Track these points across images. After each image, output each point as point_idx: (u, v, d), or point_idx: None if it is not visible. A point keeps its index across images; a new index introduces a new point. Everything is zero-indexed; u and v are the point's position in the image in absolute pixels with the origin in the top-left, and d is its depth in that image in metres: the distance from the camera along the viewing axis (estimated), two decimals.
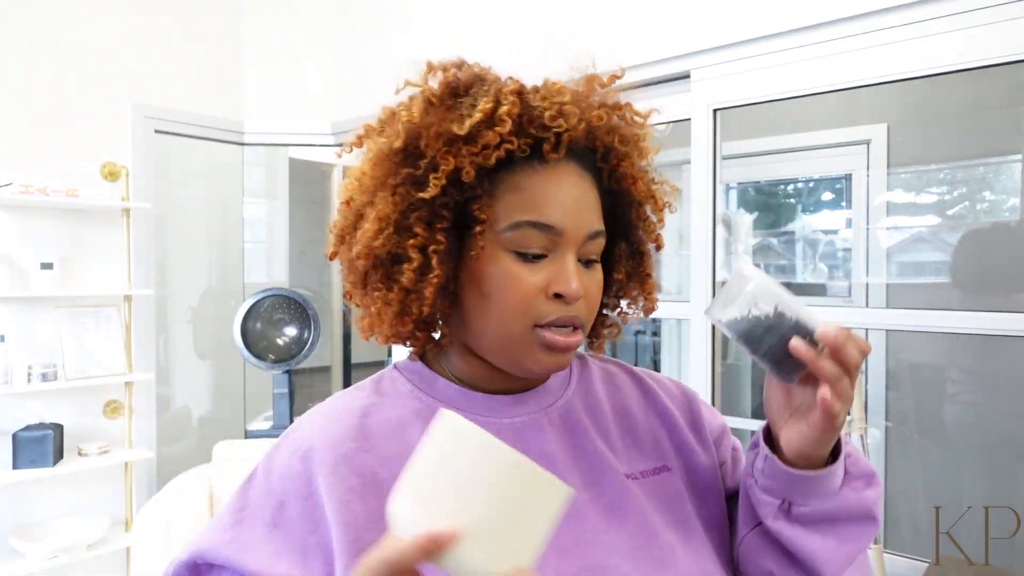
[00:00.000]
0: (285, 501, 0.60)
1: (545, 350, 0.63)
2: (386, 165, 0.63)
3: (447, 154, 0.60)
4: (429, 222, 0.62)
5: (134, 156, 2.98)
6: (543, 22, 2.49)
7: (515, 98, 0.62)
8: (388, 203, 0.62)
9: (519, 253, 0.62)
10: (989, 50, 1.60)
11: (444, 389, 0.68)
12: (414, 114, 0.63)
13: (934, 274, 2.64)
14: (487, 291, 0.62)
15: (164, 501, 2.53)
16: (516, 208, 0.62)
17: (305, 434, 0.64)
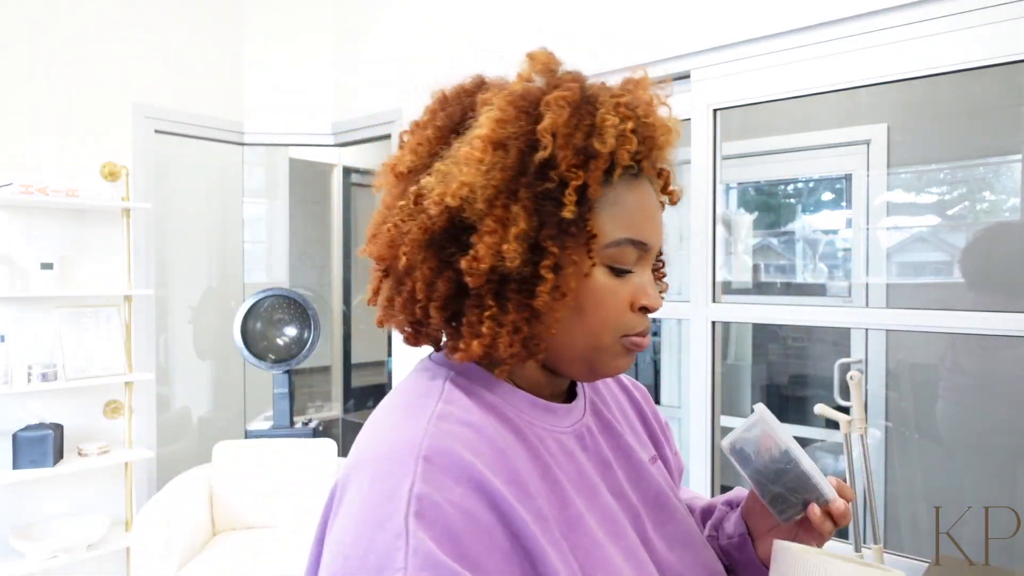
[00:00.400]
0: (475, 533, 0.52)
1: (625, 355, 0.64)
2: (512, 174, 0.58)
3: (577, 169, 0.58)
4: (561, 241, 0.58)
5: (134, 156, 2.98)
6: (543, 22, 2.49)
7: (630, 112, 0.61)
8: (522, 219, 0.57)
9: (613, 268, 0.62)
10: (989, 50, 1.60)
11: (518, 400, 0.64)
12: (558, 122, 0.58)
13: (934, 274, 2.64)
14: (583, 306, 0.61)
15: (164, 501, 2.53)
16: (617, 224, 0.61)
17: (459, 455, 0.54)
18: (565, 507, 0.59)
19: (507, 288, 0.59)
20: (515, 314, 0.59)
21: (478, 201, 0.58)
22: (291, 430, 2.98)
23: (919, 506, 2.50)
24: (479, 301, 0.60)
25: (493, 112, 0.59)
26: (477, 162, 0.58)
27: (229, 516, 2.77)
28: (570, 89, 0.60)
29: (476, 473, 0.53)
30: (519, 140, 0.58)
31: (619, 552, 0.60)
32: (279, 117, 3.43)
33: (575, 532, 0.58)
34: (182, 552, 2.42)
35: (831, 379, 2.39)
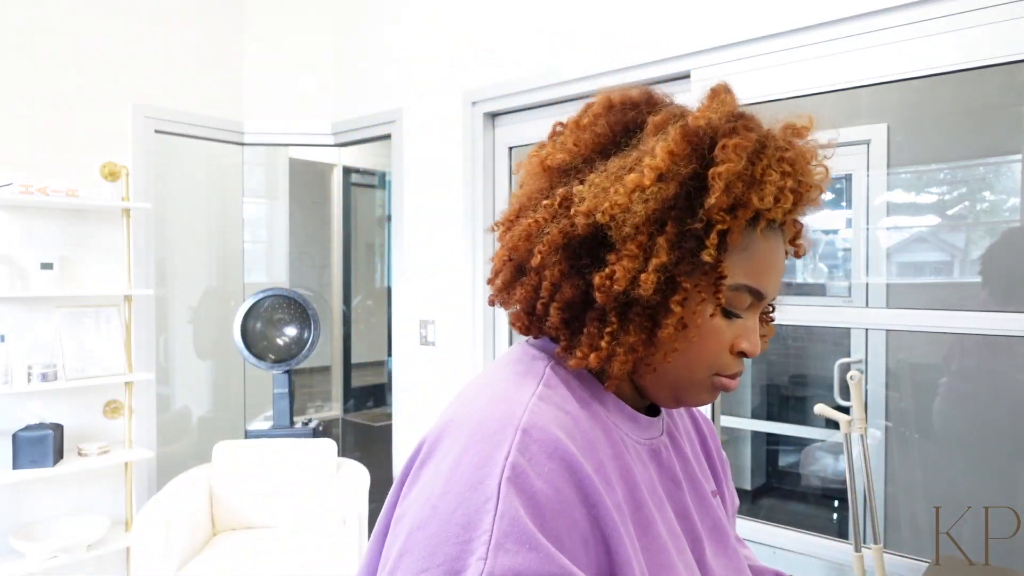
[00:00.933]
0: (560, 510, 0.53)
1: (711, 391, 0.65)
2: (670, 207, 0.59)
3: (727, 214, 0.59)
4: (696, 279, 0.60)
5: (134, 156, 2.98)
6: (543, 22, 2.49)
7: (791, 169, 0.61)
8: (664, 252, 0.59)
9: (726, 311, 0.62)
10: (989, 50, 1.60)
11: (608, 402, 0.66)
12: (732, 170, 0.58)
13: (934, 274, 2.64)
14: (690, 340, 0.62)
15: (164, 501, 2.53)
16: (741, 270, 0.61)
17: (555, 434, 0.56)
18: (639, 508, 0.60)
19: (632, 310, 0.61)
20: (635, 336, 0.61)
21: (627, 225, 0.59)
22: (291, 430, 2.98)
23: (919, 506, 2.50)
24: (602, 316, 0.61)
25: (668, 144, 0.60)
26: (641, 189, 0.59)
27: (229, 516, 2.77)
28: (747, 138, 0.59)
29: (568, 453, 0.55)
30: (685, 174, 0.59)
31: (682, 564, 0.62)
32: (279, 117, 3.43)
33: (646, 534, 0.59)
34: (182, 552, 2.42)
35: (831, 379, 2.39)
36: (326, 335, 3.85)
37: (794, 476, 3.18)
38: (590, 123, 0.66)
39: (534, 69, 2.50)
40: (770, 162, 0.60)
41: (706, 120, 0.61)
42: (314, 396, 4.25)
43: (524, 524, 0.50)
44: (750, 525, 2.02)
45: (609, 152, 0.64)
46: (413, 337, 2.97)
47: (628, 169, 0.60)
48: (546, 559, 0.49)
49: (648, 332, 0.61)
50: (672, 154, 0.59)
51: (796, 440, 3.13)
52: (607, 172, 0.61)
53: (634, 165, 0.60)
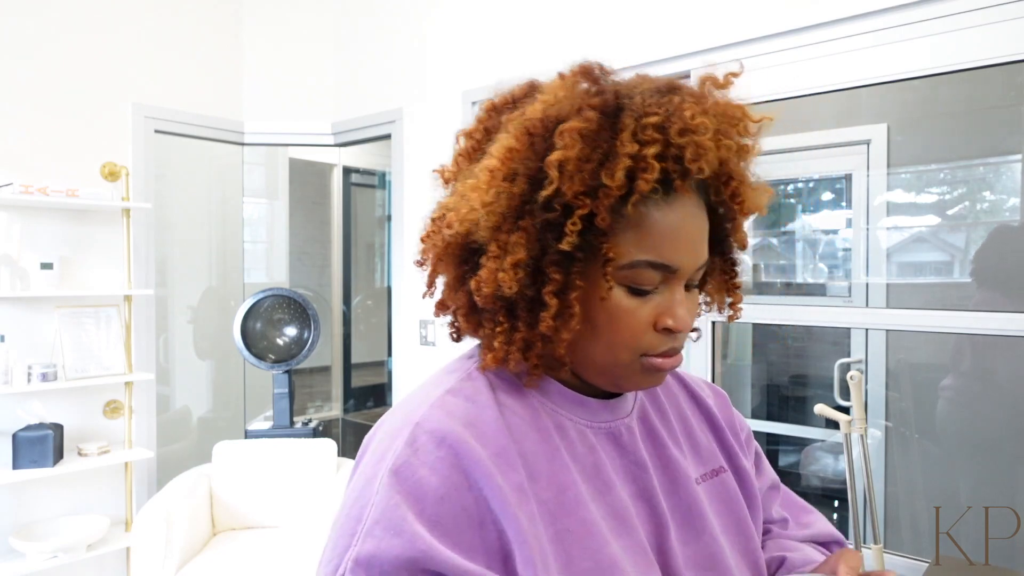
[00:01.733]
0: (445, 495, 0.55)
1: (648, 373, 0.64)
2: (516, 203, 0.59)
3: (584, 197, 0.57)
4: (565, 267, 0.59)
5: (134, 156, 2.98)
6: (543, 22, 2.49)
7: (656, 134, 0.57)
8: (521, 248, 0.58)
9: (632, 288, 0.61)
10: (989, 50, 1.60)
11: (549, 389, 0.66)
12: (568, 156, 0.57)
13: (934, 274, 2.64)
14: (598, 323, 0.61)
15: (164, 501, 2.53)
16: (636, 246, 0.59)
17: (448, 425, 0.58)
18: (563, 490, 0.60)
19: (518, 307, 0.61)
20: (524, 333, 0.61)
21: (482, 228, 0.59)
22: (291, 430, 2.98)
23: (919, 506, 2.50)
24: (493, 317, 0.62)
25: (507, 140, 0.59)
26: (483, 192, 0.59)
27: (229, 516, 2.77)
28: (587, 119, 0.58)
29: (457, 441, 0.57)
30: (527, 171, 0.58)
31: (620, 547, 0.61)
32: (279, 117, 3.44)
33: (568, 515, 0.59)
34: (182, 552, 2.42)
35: (831, 379, 2.39)
36: (326, 335, 3.86)
37: (794, 476, 3.18)
38: (473, 130, 0.66)
39: (534, 69, 2.50)
40: (625, 134, 0.57)
41: (543, 111, 0.60)
42: (314, 396, 4.26)
43: (394, 511, 0.54)
44: None
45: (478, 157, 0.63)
46: (413, 337, 2.97)
47: (474, 176, 0.61)
48: (408, 543, 0.52)
49: (534, 328, 0.61)
50: (509, 150, 0.59)
51: (796, 440, 3.13)
52: (471, 177, 0.61)
53: (480, 171, 0.60)
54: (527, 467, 0.60)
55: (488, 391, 0.63)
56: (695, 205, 0.62)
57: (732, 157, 0.63)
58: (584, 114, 0.58)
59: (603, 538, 0.60)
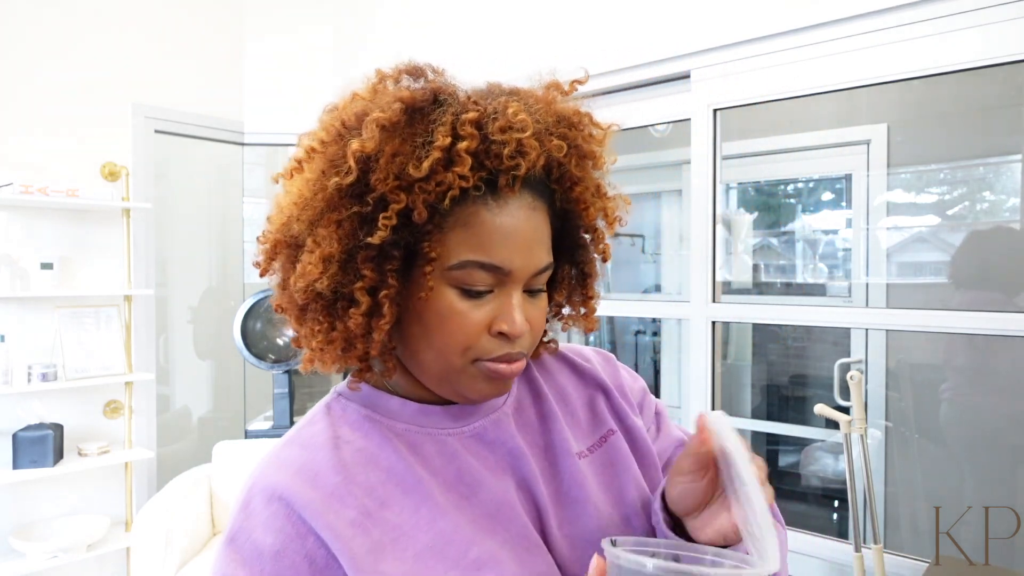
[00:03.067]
0: (281, 550, 0.57)
1: (486, 380, 0.62)
2: (330, 197, 0.57)
3: (399, 192, 0.56)
4: (378, 263, 0.58)
5: (134, 156, 2.98)
6: (543, 22, 2.49)
7: (473, 130, 0.57)
8: (332, 241, 0.57)
9: (463, 289, 0.59)
10: (989, 50, 1.60)
11: (399, 409, 0.66)
12: (367, 146, 0.56)
13: (934, 274, 2.64)
14: (429, 326, 0.60)
15: (164, 501, 2.53)
16: (464, 246, 0.58)
17: (277, 479, 0.60)
18: (416, 509, 0.61)
19: (337, 306, 0.60)
20: (343, 331, 0.60)
21: (297, 222, 0.59)
22: None
23: (919, 506, 2.50)
24: (313, 316, 0.61)
25: (319, 134, 0.60)
26: (301, 185, 0.59)
27: (229, 516, 2.77)
28: (391, 110, 0.57)
29: (286, 492, 0.58)
30: (336, 165, 0.58)
31: (495, 543, 0.61)
32: (279, 117, 3.43)
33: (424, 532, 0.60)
34: (182, 552, 2.42)
35: (831, 379, 2.39)
36: None
37: (794, 476, 3.18)
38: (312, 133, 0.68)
39: (533, 69, 2.50)
40: (443, 129, 0.56)
41: (359, 106, 0.61)
42: (314, 396, 4.25)
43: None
44: None
45: None
46: None
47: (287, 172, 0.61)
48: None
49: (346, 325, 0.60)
50: (322, 143, 0.60)
51: (796, 440, 3.13)
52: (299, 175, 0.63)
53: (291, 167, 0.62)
54: (372, 497, 0.60)
55: (328, 431, 0.64)
56: (527, 207, 0.60)
57: (570, 160, 0.62)
58: (390, 106, 0.58)
59: (467, 542, 0.60)
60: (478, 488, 0.64)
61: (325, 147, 0.60)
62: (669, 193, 3.64)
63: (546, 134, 0.60)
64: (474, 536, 0.61)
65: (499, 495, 0.64)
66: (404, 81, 0.64)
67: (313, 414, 0.67)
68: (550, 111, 0.62)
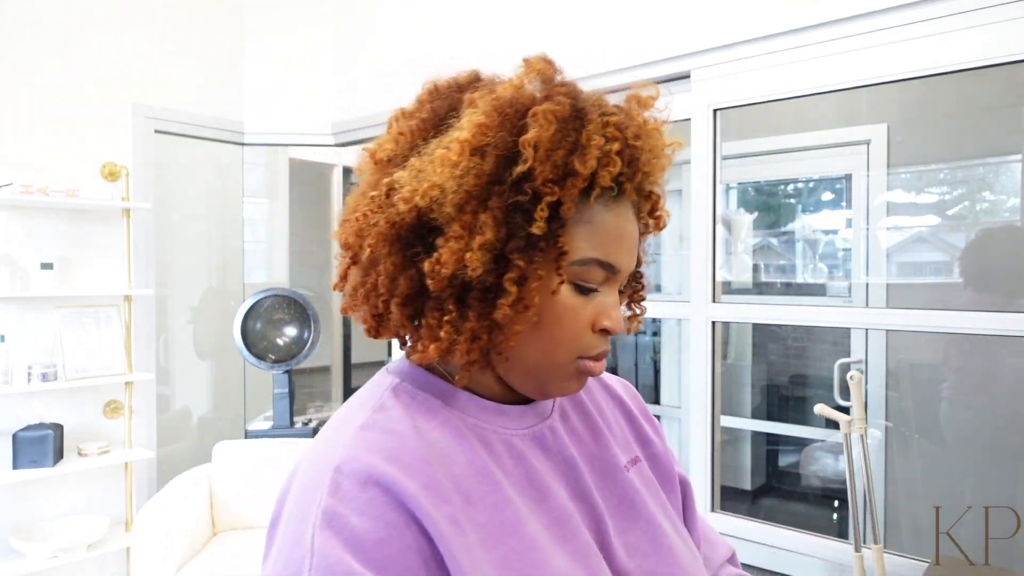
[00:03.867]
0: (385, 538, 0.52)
1: (577, 377, 0.63)
2: (485, 183, 0.57)
3: (553, 184, 0.56)
4: (529, 255, 0.57)
5: (134, 156, 2.98)
6: (544, 21, 2.49)
7: (618, 133, 0.59)
8: (489, 229, 0.56)
9: (578, 286, 0.60)
10: (989, 50, 1.60)
11: (468, 403, 0.64)
12: (542, 136, 0.56)
13: (934, 274, 2.64)
14: (542, 321, 0.59)
15: (164, 501, 2.53)
16: (588, 243, 0.59)
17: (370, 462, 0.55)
18: (500, 510, 0.58)
19: (469, 295, 0.58)
20: (475, 322, 0.58)
21: (447, 205, 0.56)
22: (291, 430, 2.98)
23: (919, 506, 2.50)
24: (440, 305, 0.59)
25: (477, 116, 0.58)
26: (452, 165, 0.56)
27: (229, 516, 2.77)
28: (560, 103, 0.57)
29: (384, 477, 0.54)
30: (498, 148, 0.57)
31: (566, 554, 0.59)
32: (279, 117, 3.43)
33: (509, 535, 0.57)
34: (182, 552, 2.42)
35: (831, 379, 2.39)
36: (326, 335, 3.85)
37: (794, 476, 3.18)
38: (416, 110, 0.64)
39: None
40: (594, 127, 0.58)
41: (515, 89, 0.59)
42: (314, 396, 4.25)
43: (339, 567, 0.50)
44: (750, 525, 2.02)
45: (432, 136, 0.61)
46: None
47: (443, 147, 0.58)
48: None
49: (488, 316, 0.58)
50: (481, 126, 0.57)
51: (796, 440, 3.13)
52: (425, 154, 0.59)
53: (449, 143, 0.58)
54: (460, 492, 0.57)
55: (407, 419, 0.60)
56: (633, 211, 0.63)
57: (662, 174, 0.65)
58: (557, 99, 0.58)
59: (548, 551, 0.58)
60: (547, 493, 0.62)
61: (485, 130, 0.57)
62: (669, 193, 3.60)
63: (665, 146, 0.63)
64: (550, 545, 0.59)
65: (562, 503, 0.62)
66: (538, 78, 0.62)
67: (379, 399, 0.62)
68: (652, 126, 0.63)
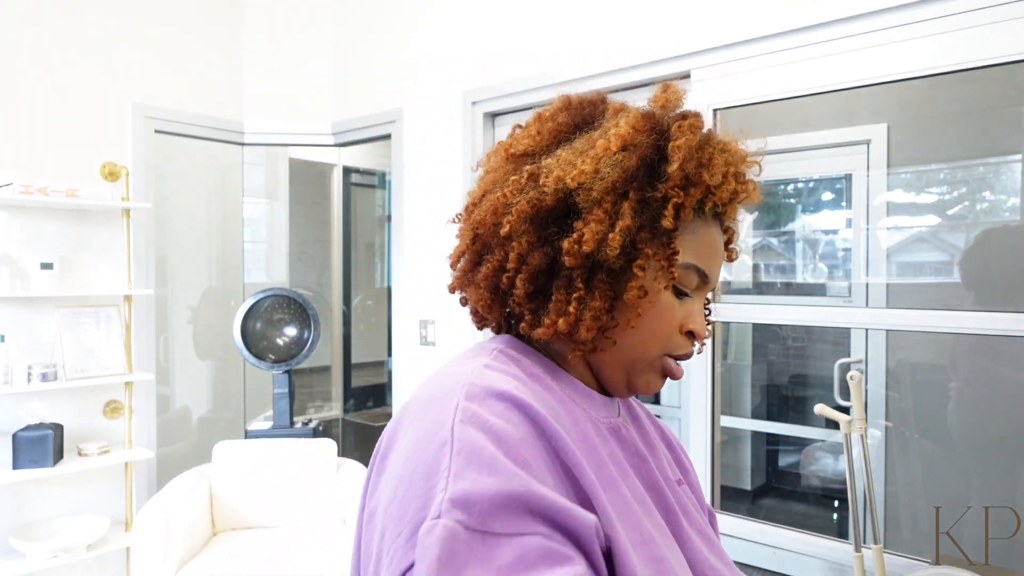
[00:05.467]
0: (524, 438, 0.54)
1: (660, 376, 0.69)
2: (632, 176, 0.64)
3: (680, 190, 0.63)
4: (654, 246, 0.64)
5: (134, 156, 2.98)
6: (544, 22, 2.49)
7: (733, 159, 0.66)
8: (629, 216, 0.63)
9: (677, 288, 0.67)
10: (989, 50, 1.60)
11: (568, 382, 0.68)
12: (689, 144, 0.64)
13: (934, 274, 2.64)
14: (642, 315, 0.65)
15: (164, 501, 2.53)
16: (691, 250, 0.66)
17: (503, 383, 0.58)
18: (601, 467, 0.61)
19: (596, 276, 0.64)
20: (600, 301, 0.64)
21: (594, 190, 0.63)
22: (291, 430, 2.98)
23: (919, 506, 2.50)
24: (569, 282, 0.64)
25: (630, 119, 0.66)
26: (607, 155, 0.64)
27: (229, 516, 2.77)
28: (699, 122, 0.66)
29: (516, 396, 0.56)
30: (645, 148, 0.64)
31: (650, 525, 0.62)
32: (279, 117, 3.43)
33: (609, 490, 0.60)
34: (182, 552, 2.42)
35: (831, 379, 2.39)
36: (326, 335, 3.85)
37: (794, 476, 3.18)
38: (551, 115, 0.71)
39: (534, 69, 2.50)
40: (717, 151, 0.66)
41: (661, 106, 0.69)
42: (314, 396, 4.25)
43: (483, 451, 0.51)
44: (750, 525, 2.02)
45: (569, 140, 0.69)
46: (413, 337, 2.97)
47: (594, 141, 0.65)
48: (505, 479, 0.50)
49: (611, 298, 0.64)
50: (634, 128, 0.65)
51: (796, 440, 3.13)
52: (573, 148, 0.67)
53: (600, 137, 0.66)
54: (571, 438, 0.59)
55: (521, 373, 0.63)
56: (722, 232, 0.71)
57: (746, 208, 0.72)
58: (695, 120, 0.66)
59: (637, 515, 0.61)
60: (625, 475, 0.65)
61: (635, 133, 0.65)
62: None
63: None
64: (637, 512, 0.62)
65: (637, 488, 0.65)
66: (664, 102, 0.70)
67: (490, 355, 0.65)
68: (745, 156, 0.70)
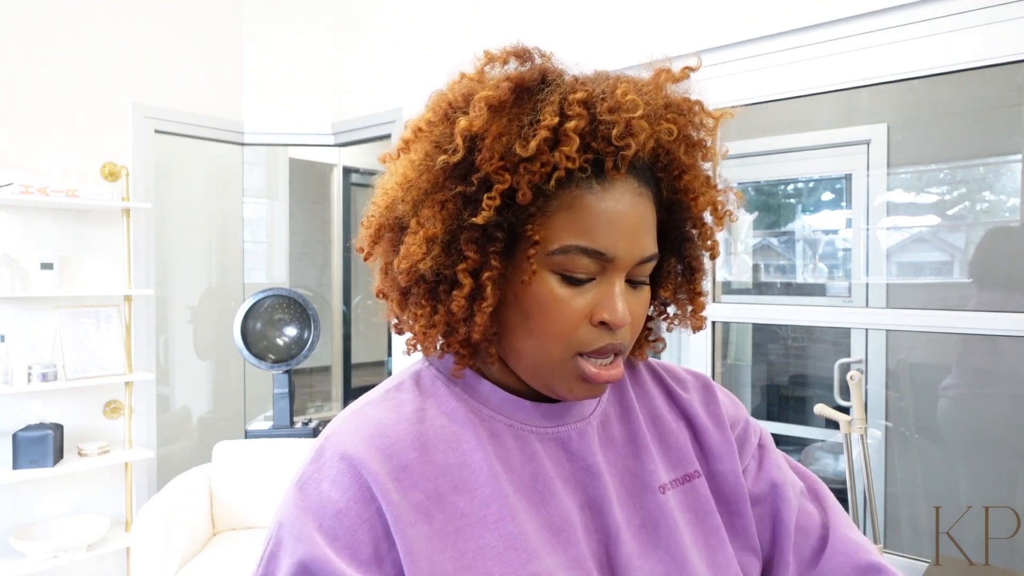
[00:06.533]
0: (344, 509, 0.55)
1: (581, 381, 0.60)
2: (435, 177, 0.57)
3: (503, 172, 0.55)
4: (481, 245, 0.57)
5: (134, 156, 2.98)
6: (543, 22, 2.49)
7: (582, 110, 0.56)
8: (436, 222, 0.57)
9: (565, 276, 0.58)
10: (989, 50, 1.60)
11: (490, 394, 0.64)
12: (475, 124, 0.56)
13: (934, 274, 2.64)
14: (529, 313, 0.58)
15: (164, 501, 2.53)
16: (568, 230, 0.57)
17: (352, 440, 0.58)
18: (487, 503, 0.58)
19: (439, 289, 0.60)
20: (445, 315, 0.59)
21: (401, 203, 0.59)
22: (291, 430, 2.98)
23: (919, 506, 2.50)
24: (417, 300, 0.61)
25: (427, 114, 0.60)
26: (408, 166, 0.58)
27: (229, 516, 2.77)
28: (498, 88, 0.56)
29: (355, 456, 0.56)
30: (444, 145, 0.57)
31: (556, 562, 0.57)
32: (279, 117, 3.43)
33: (490, 529, 0.57)
34: (182, 552, 2.42)
35: (831, 379, 2.39)
36: (326, 335, 3.85)
37: None
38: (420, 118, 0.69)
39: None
40: (551, 108, 0.56)
41: (465, 87, 0.60)
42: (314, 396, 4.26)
43: (298, 526, 0.55)
44: None
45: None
46: None
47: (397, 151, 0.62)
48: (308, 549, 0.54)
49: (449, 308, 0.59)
50: (429, 123, 0.59)
51: (796, 440, 3.13)
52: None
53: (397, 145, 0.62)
54: (447, 479, 0.58)
55: (415, 401, 0.62)
56: (633, 192, 0.58)
57: (679, 147, 0.60)
58: (499, 85, 0.57)
59: (529, 553, 0.56)
60: (549, 498, 0.60)
61: (432, 127, 0.59)
62: None
63: (655, 118, 0.58)
64: (537, 548, 0.57)
65: (566, 512, 0.60)
66: (512, 63, 0.62)
67: (401, 380, 0.66)
68: (660, 96, 0.60)
